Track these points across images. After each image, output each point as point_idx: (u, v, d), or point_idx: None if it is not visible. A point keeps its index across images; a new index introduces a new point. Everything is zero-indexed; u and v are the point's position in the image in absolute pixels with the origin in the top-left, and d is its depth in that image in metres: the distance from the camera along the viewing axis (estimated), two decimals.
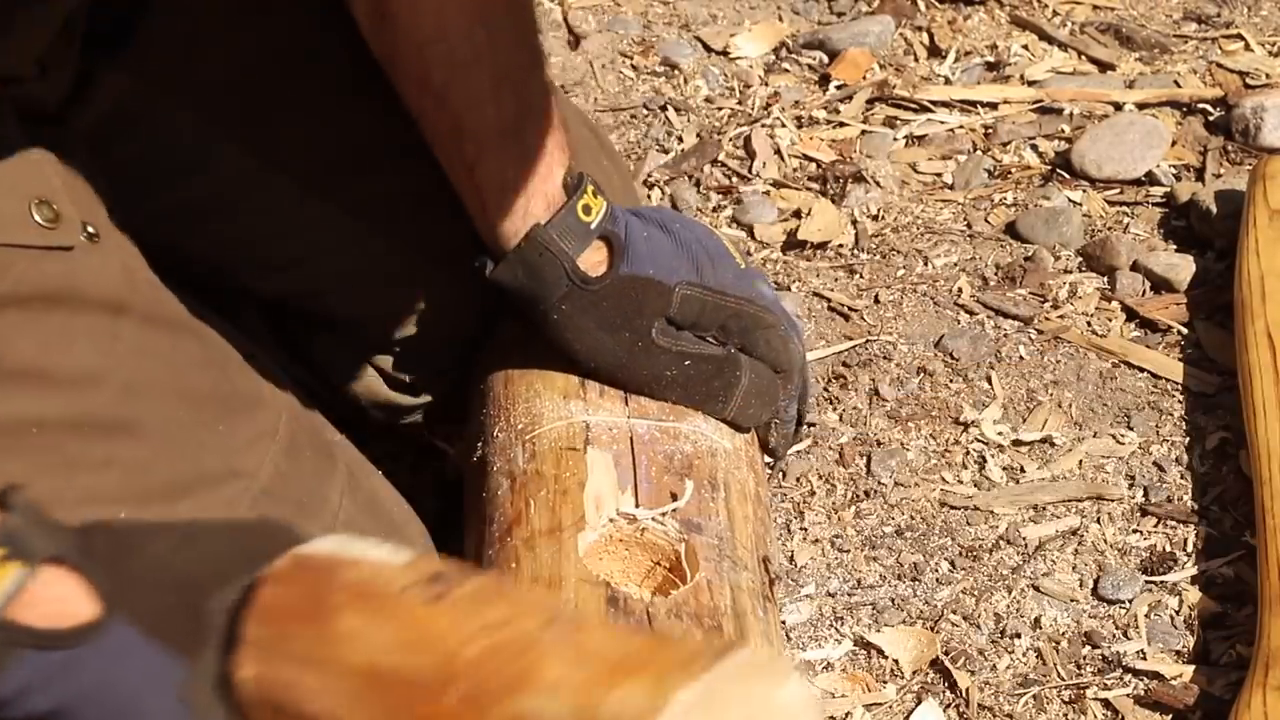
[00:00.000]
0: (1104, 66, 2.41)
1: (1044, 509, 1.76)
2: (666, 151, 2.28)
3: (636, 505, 1.39)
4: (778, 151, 2.27)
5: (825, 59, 2.44)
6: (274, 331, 1.68)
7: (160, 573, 1.02)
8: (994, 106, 2.33)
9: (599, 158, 1.75)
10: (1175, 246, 2.08)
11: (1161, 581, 1.68)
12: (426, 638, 0.91)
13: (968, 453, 1.82)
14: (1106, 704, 1.57)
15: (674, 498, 1.41)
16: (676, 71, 2.42)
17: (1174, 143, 2.23)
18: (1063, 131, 2.27)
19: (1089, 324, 1.98)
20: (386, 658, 0.91)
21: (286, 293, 1.62)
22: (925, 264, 2.08)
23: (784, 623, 1.64)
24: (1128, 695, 1.56)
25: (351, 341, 1.66)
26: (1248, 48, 2.42)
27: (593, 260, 1.49)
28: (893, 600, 1.67)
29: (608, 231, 1.49)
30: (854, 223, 2.14)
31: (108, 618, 0.98)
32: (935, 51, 2.45)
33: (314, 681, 0.93)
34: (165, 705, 0.99)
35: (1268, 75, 2.34)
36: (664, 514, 1.39)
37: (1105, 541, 1.72)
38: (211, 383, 1.41)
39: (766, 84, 2.40)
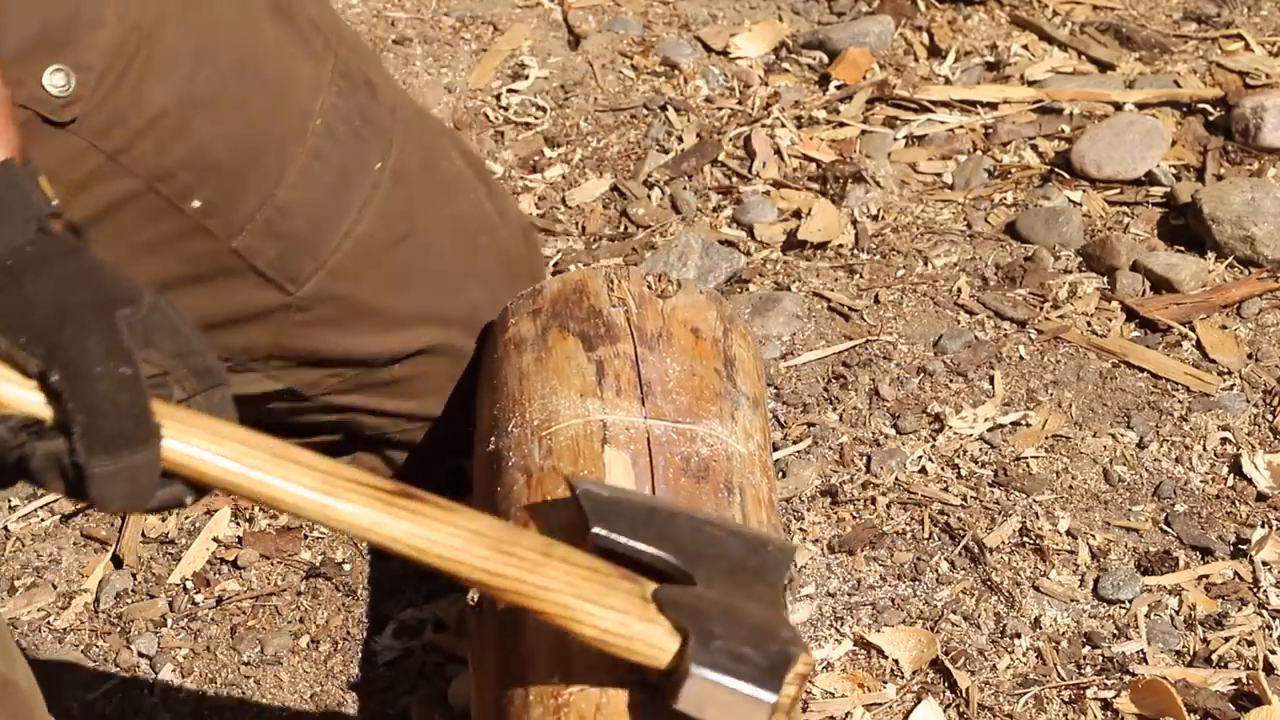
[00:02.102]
0: (1104, 66, 2.41)
1: (1044, 509, 1.76)
2: (666, 151, 2.28)
3: None
4: (778, 151, 2.27)
5: (825, 59, 2.44)
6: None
7: None
8: (994, 106, 2.33)
9: (477, 187, 1.74)
10: (1175, 246, 2.08)
11: (1161, 582, 1.68)
12: None
13: (967, 453, 1.83)
14: (1106, 704, 1.57)
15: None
16: (676, 71, 2.43)
17: (1174, 143, 2.23)
18: (1063, 131, 2.28)
19: (1089, 324, 1.98)
20: None
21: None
22: (925, 264, 2.08)
23: None
24: (1127, 695, 1.57)
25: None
26: (1248, 48, 2.42)
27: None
28: (893, 600, 1.68)
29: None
30: (854, 223, 2.14)
31: None
32: (935, 51, 2.45)
33: None
34: None
35: (1267, 75, 2.34)
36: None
37: (1105, 541, 1.72)
38: None
39: (766, 84, 2.40)
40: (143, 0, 1.47)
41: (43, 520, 1.82)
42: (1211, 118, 2.29)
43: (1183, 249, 2.08)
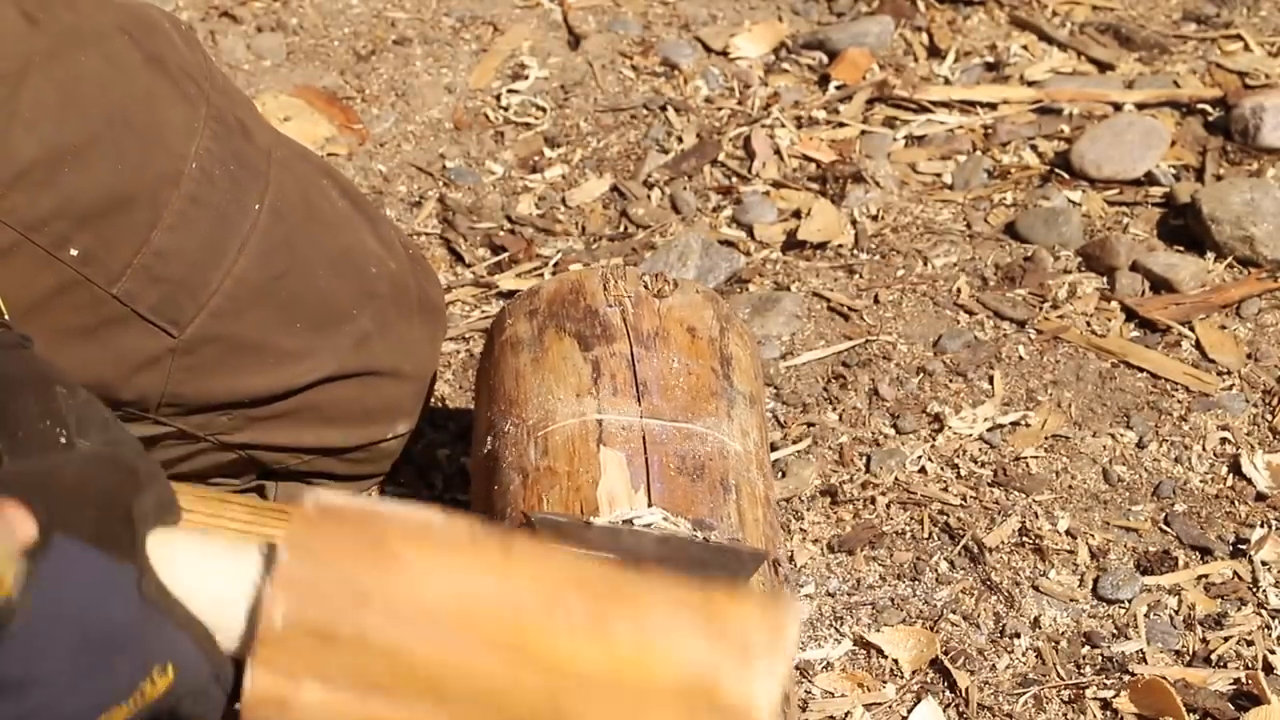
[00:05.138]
0: (1103, 67, 2.41)
1: (1043, 508, 1.76)
2: (666, 151, 2.28)
3: (649, 504, 1.40)
4: (777, 152, 2.27)
5: (825, 59, 2.44)
6: None
7: (82, 488, 1.03)
8: (993, 107, 2.33)
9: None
10: (1175, 246, 2.09)
11: (1160, 581, 1.68)
12: (513, 579, 0.97)
13: (966, 453, 1.83)
14: (1105, 704, 1.57)
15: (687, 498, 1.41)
16: (676, 72, 2.43)
17: (1173, 143, 2.23)
18: (1062, 132, 2.28)
19: (1088, 324, 1.98)
20: (475, 595, 0.96)
21: None
22: (925, 264, 2.08)
23: None
24: (1126, 695, 1.57)
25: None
26: (1247, 48, 2.43)
27: None
28: (892, 600, 1.68)
29: None
30: (854, 223, 2.14)
31: (48, 534, 0.99)
32: (935, 52, 2.45)
33: (375, 618, 0.96)
34: (126, 605, 1.00)
35: (1267, 75, 2.34)
36: (675, 515, 1.39)
37: (1105, 541, 1.72)
38: None
39: (766, 84, 2.40)
40: (3, 50, 1.47)
41: None
42: (1211, 118, 2.29)
43: (1182, 249, 2.08)
